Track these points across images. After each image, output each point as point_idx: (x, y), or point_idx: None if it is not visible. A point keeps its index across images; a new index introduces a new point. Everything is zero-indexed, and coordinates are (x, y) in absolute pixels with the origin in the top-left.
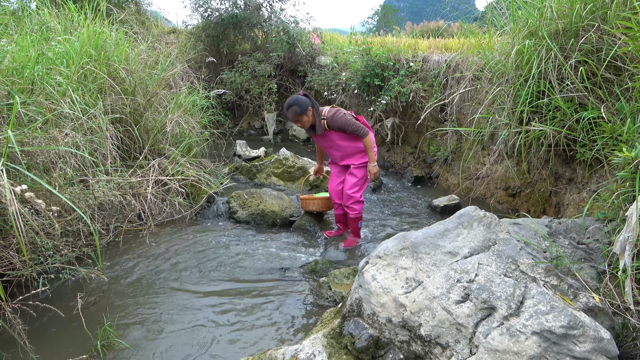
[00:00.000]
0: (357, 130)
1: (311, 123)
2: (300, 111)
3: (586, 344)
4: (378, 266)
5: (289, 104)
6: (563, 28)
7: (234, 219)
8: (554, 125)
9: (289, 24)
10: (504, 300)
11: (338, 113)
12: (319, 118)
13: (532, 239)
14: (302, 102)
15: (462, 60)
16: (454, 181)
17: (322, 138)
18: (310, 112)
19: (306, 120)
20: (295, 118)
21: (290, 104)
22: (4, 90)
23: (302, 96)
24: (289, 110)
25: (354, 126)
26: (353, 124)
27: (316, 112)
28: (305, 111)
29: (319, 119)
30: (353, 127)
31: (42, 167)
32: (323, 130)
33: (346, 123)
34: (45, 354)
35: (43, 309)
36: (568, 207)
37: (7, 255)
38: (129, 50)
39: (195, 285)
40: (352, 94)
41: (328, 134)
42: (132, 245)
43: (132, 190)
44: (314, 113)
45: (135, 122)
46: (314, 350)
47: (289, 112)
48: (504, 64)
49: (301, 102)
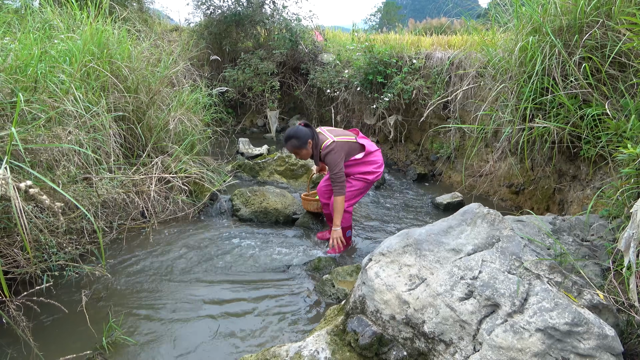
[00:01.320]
0: (334, 181)
1: (310, 155)
2: (298, 144)
3: (590, 341)
4: (381, 263)
5: (288, 135)
6: (567, 24)
7: (237, 217)
8: (557, 122)
9: (291, 22)
10: (507, 297)
11: (332, 155)
12: (317, 150)
13: (536, 236)
14: (302, 134)
15: (465, 57)
16: (457, 178)
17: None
18: (310, 144)
19: (305, 153)
20: (294, 151)
21: (289, 136)
22: (7, 88)
23: (303, 127)
24: (287, 143)
25: (335, 175)
26: (335, 173)
27: (316, 143)
28: (304, 144)
29: (317, 150)
30: (334, 176)
31: (46, 165)
32: (320, 161)
33: (332, 167)
34: (49, 351)
35: (47, 307)
36: (572, 204)
37: (11, 253)
38: (132, 48)
39: (198, 282)
40: (355, 92)
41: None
42: (135, 242)
43: (136, 188)
44: (314, 144)
45: (138, 120)
46: (317, 347)
47: (288, 144)
48: (508, 60)
49: (301, 135)
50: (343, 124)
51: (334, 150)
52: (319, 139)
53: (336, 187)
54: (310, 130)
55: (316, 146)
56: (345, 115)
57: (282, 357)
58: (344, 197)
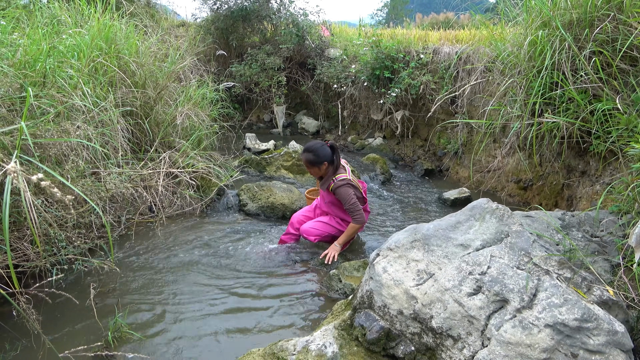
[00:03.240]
0: (352, 212)
1: (321, 175)
2: (313, 160)
3: (600, 337)
4: (389, 258)
5: (307, 148)
6: (577, 18)
7: (244, 212)
8: (567, 117)
9: (298, 17)
10: (516, 293)
11: (346, 189)
12: (330, 177)
13: (545, 232)
14: (322, 154)
15: (474, 52)
16: (465, 174)
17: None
18: (325, 166)
19: (315, 171)
20: (306, 164)
21: (309, 149)
22: (16, 83)
23: (328, 147)
24: (303, 154)
25: (352, 206)
26: (352, 204)
27: (333, 169)
28: (318, 164)
29: (330, 177)
30: (351, 207)
31: (55, 159)
32: (327, 189)
33: (346, 200)
34: (57, 344)
35: (56, 301)
36: (581, 200)
37: (21, 247)
38: (139, 44)
39: (205, 277)
40: (362, 87)
41: (326, 193)
42: (143, 237)
43: (143, 182)
44: (331, 169)
45: (145, 115)
46: (324, 341)
47: (303, 155)
48: (517, 55)
49: (320, 154)
50: (350, 119)
51: (347, 185)
52: (338, 168)
53: (355, 215)
54: (332, 154)
55: (333, 172)
56: (352, 110)
57: (289, 351)
58: (360, 226)
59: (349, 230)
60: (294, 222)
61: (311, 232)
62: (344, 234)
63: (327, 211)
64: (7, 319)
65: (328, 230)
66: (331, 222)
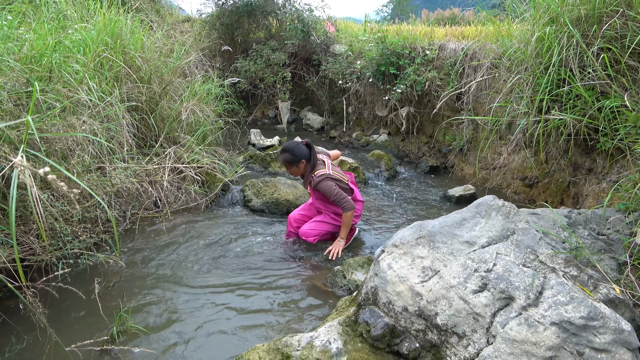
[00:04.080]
0: (339, 202)
1: (301, 174)
2: (290, 160)
3: (606, 335)
4: (394, 255)
5: (284, 148)
6: (585, 14)
7: (249, 207)
8: (574, 114)
9: (303, 12)
10: (522, 291)
11: (326, 182)
12: (310, 174)
13: (551, 229)
14: (298, 152)
15: (480, 48)
16: (470, 171)
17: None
18: (302, 164)
19: (295, 171)
20: (285, 164)
21: (285, 149)
22: (23, 77)
23: (304, 146)
24: (281, 155)
25: (337, 197)
26: (336, 194)
27: (310, 167)
28: (296, 162)
29: (309, 174)
30: (336, 198)
31: (61, 154)
32: (308, 186)
33: (329, 193)
34: (63, 338)
35: (61, 295)
36: (587, 197)
37: (27, 241)
38: (145, 39)
39: (209, 272)
40: (367, 83)
41: (312, 190)
42: (148, 232)
43: (149, 177)
44: (309, 166)
45: (151, 110)
46: (329, 337)
47: (281, 156)
48: (524, 51)
49: (296, 152)
50: (355, 115)
51: (326, 179)
52: (316, 165)
53: (342, 204)
54: (308, 152)
55: (311, 169)
56: (357, 106)
57: (294, 347)
58: (352, 212)
59: (344, 220)
60: (292, 221)
61: (309, 234)
62: (343, 227)
63: (320, 207)
64: (13, 314)
65: (325, 228)
66: (326, 219)
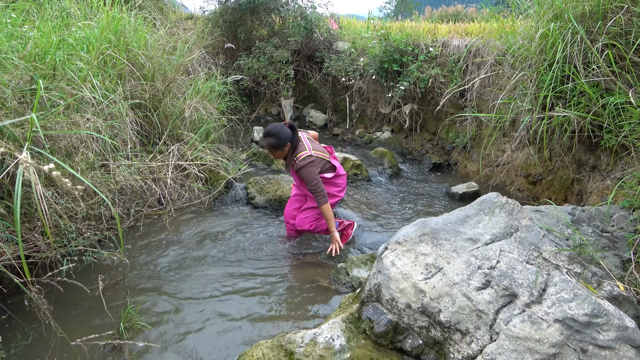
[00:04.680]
0: (314, 193)
1: (284, 156)
2: (275, 144)
3: (610, 332)
4: (397, 252)
5: (268, 132)
6: (590, 10)
7: (252, 205)
8: (578, 110)
9: (306, 9)
10: (526, 288)
11: (308, 168)
12: (292, 157)
13: (555, 227)
14: (283, 136)
15: (483, 45)
16: (473, 168)
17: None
18: (287, 147)
19: (280, 154)
20: (269, 149)
21: (269, 133)
22: (27, 75)
23: (287, 128)
24: (265, 139)
25: (314, 187)
26: (314, 185)
27: (294, 148)
28: (281, 146)
29: (292, 157)
30: (313, 188)
31: (65, 151)
32: (290, 169)
33: (308, 180)
34: (67, 334)
35: (66, 292)
36: (591, 195)
37: (32, 238)
38: (148, 36)
39: (213, 269)
40: (370, 80)
41: (294, 173)
42: (152, 229)
43: (152, 175)
44: (291, 149)
45: (154, 107)
46: (332, 334)
47: (265, 140)
48: (527, 48)
49: (281, 136)
50: (358, 112)
51: (309, 164)
52: (298, 147)
53: (318, 197)
54: (292, 134)
55: (292, 152)
56: (360, 104)
57: (297, 343)
58: (328, 204)
59: (325, 214)
60: (288, 218)
61: (304, 223)
62: (327, 221)
63: (305, 192)
64: (17, 310)
65: (316, 211)
66: (314, 204)
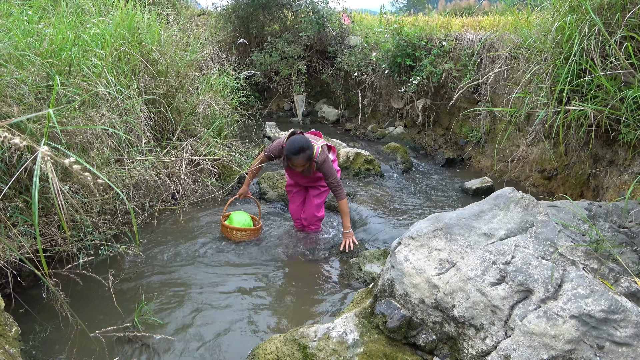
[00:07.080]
0: (335, 188)
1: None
2: (311, 155)
3: (627, 329)
4: (411, 247)
5: (300, 148)
6: (608, 2)
7: (265, 200)
8: (595, 104)
9: (318, 4)
10: (541, 283)
11: (328, 161)
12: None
13: (571, 222)
14: (310, 144)
15: (498, 38)
16: (487, 163)
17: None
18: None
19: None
20: (304, 163)
21: (302, 149)
22: (43, 71)
23: (303, 136)
24: (299, 156)
25: (335, 182)
26: (334, 178)
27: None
28: (312, 156)
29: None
30: (333, 182)
31: (80, 146)
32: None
33: (330, 174)
34: (84, 326)
35: (82, 286)
36: (608, 190)
37: (49, 232)
38: (161, 32)
39: (227, 264)
40: (383, 75)
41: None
42: (166, 224)
43: (166, 170)
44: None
45: (168, 103)
46: (345, 329)
47: (300, 157)
48: (543, 41)
49: (310, 145)
50: (370, 107)
51: (326, 159)
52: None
53: (338, 191)
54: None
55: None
56: (373, 99)
57: (310, 337)
58: (346, 199)
59: (342, 208)
60: (294, 216)
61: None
62: (344, 216)
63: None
64: (34, 303)
65: (322, 199)
66: (315, 193)
